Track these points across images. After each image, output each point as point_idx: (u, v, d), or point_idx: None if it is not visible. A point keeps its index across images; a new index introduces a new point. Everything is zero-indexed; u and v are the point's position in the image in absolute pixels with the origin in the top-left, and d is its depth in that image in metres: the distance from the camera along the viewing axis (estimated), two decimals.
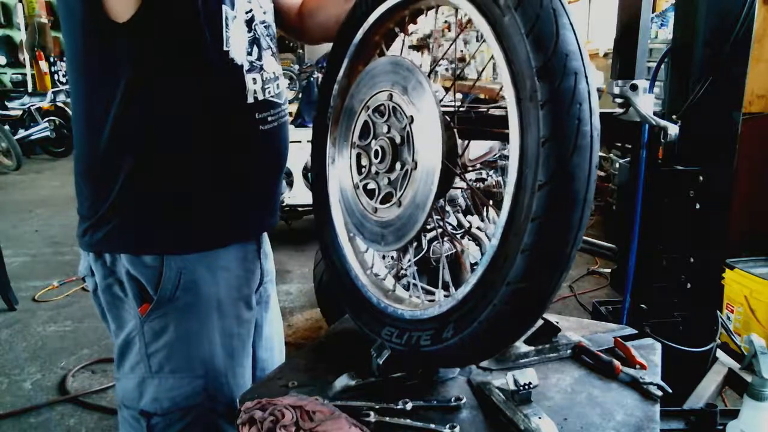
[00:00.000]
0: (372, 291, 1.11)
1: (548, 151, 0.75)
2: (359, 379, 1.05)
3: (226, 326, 1.17)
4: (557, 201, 0.76)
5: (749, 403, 1.32)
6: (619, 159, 4.15)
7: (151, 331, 1.10)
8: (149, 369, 1.11)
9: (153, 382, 1.12)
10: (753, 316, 2.57)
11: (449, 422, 0.94)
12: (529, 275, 0.78)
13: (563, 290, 3.85)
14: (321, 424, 0.88)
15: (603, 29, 6.99)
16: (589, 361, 1.13)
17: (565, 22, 0.76)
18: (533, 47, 0.76)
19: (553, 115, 0.75)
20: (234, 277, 1.19)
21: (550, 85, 0.75)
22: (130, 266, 1.08)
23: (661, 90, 2.10)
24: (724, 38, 1.62)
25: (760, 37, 3.51)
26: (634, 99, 1.67)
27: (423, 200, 0.94)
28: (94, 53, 1.02)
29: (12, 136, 8.27)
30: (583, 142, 0.76)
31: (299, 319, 3.51)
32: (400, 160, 0.99)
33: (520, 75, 0.78)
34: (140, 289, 1.09)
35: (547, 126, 0.75)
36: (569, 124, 0.75)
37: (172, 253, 1.09)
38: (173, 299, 1.09)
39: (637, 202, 1.73)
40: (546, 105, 0.76)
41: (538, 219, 0.76)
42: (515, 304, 0.81)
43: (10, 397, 2.73)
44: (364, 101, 1.06)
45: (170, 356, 1.11)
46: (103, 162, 1.07)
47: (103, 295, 1.13)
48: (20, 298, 3.81)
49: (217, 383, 1.15)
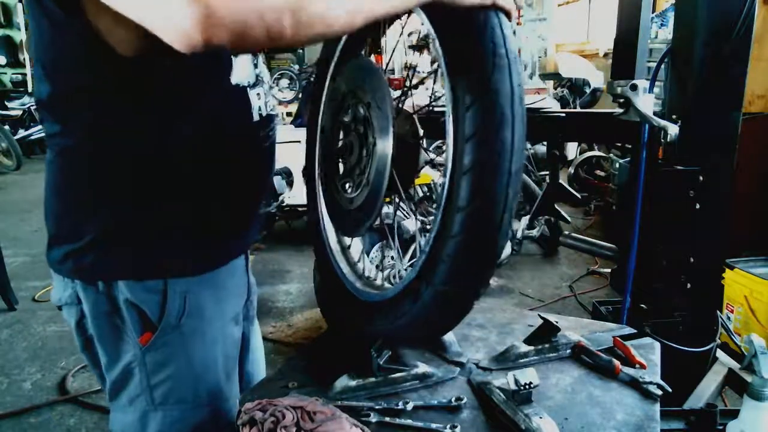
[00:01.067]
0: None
1: (471, 74, 0.85)
2: (359, 379, 1.05)
3: (227, 348, 1.13)
4: (487, 115, 0.84)
5: (749, 403, 1.32)
6: (619, 159, 4.15)
7: (153, 361, 1.02)
8: (152, 402, 1.04)
9: (157, 415, 1.04)
10: (753, 316, 2.57)
11: (450, 422, 0.94)
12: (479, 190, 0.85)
13: (563, 290, 3.85)
14: (322, 424, 0.88)
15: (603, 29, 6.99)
16: (589, 361, 1.13)
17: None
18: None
19: (471, 42, 0.85)
20: (230, 295, 1.15)
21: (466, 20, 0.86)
22: (129, 293, 0.99)
23: (661, 90, 2.10)
24: (724, 38, 1.62)
25: (760, 37, 3.51)
26: (634, 99, 1.68)
27: (382, 168, 0.99)
28: (84, 73, 0.92)
29: (12, 136, 8.27)
30: (500, 62, 0.84)
31: (299, 319, 3.51)
32: (365, 147, 1.04)
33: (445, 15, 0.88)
34: (141, 318, 1.01)
35: (467, 53, 0.85)
36: (486, 46, 0.84)
37: (176, 276, 1.02)
38: (178, 326, 1.02)
39: (637, 202, 1.73)
40: (464, 36, 0.86)
41: (473, 137, 0.84)
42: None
43: (10, 397, 2.73)
44: (339, 110, 1.13)
45: (175, 387, 1.04)
46: (98, 185, 0.98)
47: (94, 325, 1.03)
48: (20, 298, 3.80)
49: (223, 409, 1.10)
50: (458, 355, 1.16)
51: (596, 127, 2.02)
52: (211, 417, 1.08)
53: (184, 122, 0.98)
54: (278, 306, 3.71)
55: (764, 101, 3.60)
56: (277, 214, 4.56)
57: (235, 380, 1.17)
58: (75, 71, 0.91)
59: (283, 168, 4.53)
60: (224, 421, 1.10)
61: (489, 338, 1.26)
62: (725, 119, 1.70)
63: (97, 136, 0.95)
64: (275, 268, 4.36)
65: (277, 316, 3.55)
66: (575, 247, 2.44)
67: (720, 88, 1.67)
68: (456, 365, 1.14)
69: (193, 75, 0.95)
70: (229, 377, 1.14)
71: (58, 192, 1.02)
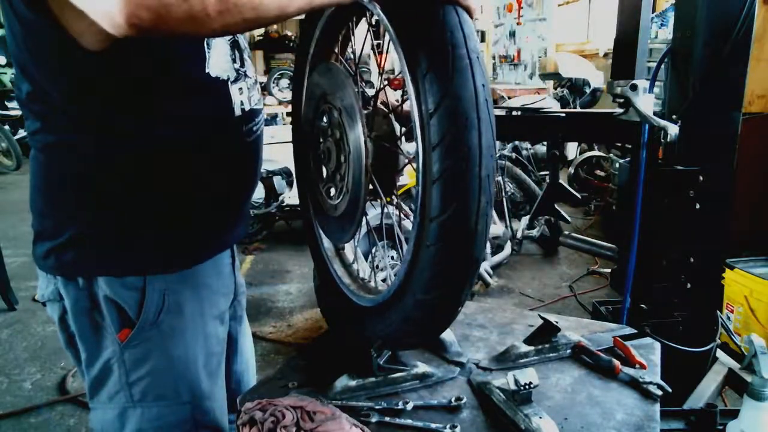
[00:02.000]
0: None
1: (431, 79, 0.81)
2: (359, 379, 1.05)
3: (209, 346, 1.12)
4: (451, 121, 0.80)
5: (749, 403, 1.32)
6: (619, 159, 4.15)
7: (132, 358, 1.03)
8: (131, 398, 1.04)
9: (136, 412, 1.05)
10: (753, 316, 2.57)
11: (450, 422, 0.94)
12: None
13: (563, 290, 3.85)
14: (321, 424, 0.88)
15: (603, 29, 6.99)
16: (589, 361, 1.13)
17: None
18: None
19: (429, 44, 0.82)
20: (213, 293, 1.14)
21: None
22: (108, 289, 1.00)
23: (661, 90, 2.10)
24: (724, 38, 1.62)
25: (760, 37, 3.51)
26: (634, 99, 1.67)
27: (359, 173, 0.99)
28: (63, 72, 0.92)
29: (12, 136, 8.27)
30: (461, 64, 0.80)
31: (299, 319, 3.51)
32: (342, 152, 1.04)
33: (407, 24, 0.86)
34: (120, 314, 1.01)
35: (426, 56, 0.82)
36: (445, 48, 0.81)
37: (156, 273, 1.02)
38: (157, 323, 1.03)
39: (637, 202, 1.73)
40: (421, 38, 0.83)
41: (440, 144, 0.81)
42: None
43: (10, 397, 2.73)
44: (316, 113, 1.12)
45: (154, 384, 1.04)
46: (78, 181, 0.99)
47: (75, 321, 1.04)
48: (20, 298, 3.80)
49: (204, 407, 1.10)
50: (458, 355, 1.16)
51: (596, 127, 2.02)
52: (191, 414, 1.08)
53: (160, 117, 0.98)
54: (278, 306, 3.71)
55: (764, 101, 3.60)
56: (277, 214, 4.56)
57: (219, 379, 1.16)
58: (48, 70, 0.92)
59: (283, 168, 4.53)
60: (206, 418, 1.10)
61: (489, 338, 1.26)
62: (725, 119, 1.70)
63: (74, 133, 0.96)
64: (275, 268, 4.35)
65: (277, 316, 3.55)
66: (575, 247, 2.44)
67: (720, 88, 1.66)
68: (456, 365, 1.14)
69: (164, 69, 0.95)
70: (212, 375, 1.13)
71: (40, 189, 1.02)
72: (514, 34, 8.22)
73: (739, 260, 2.71)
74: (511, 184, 4.52)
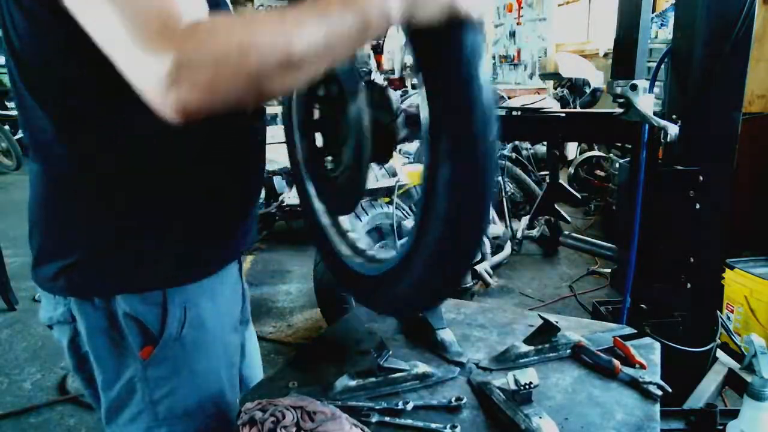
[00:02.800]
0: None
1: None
2: (359, 379, 1.05)
3: (230, 357, 1.11)
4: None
5: (749, 403, 1.32)
6: (619, 159, 4.15)
7: (155, 375, 0.99)
8: (155, 417, 1.00)
9: (162, 430, 1.01)
10: (753, 316, 2.57)
11: (450, 422, 0.94)
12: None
13: (563, 290, 3.85)
14: (322, 424, 0.88)
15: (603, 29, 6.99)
16: (589, 361, 1.13)
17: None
18: None
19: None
20: (228, 302, 1.12)
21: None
22: (128, 306, 0.96)
23: (661, 90, 2.10)
24: (724, 38, 1.62)
25: (760, 37, 3.51)
26: (634, 99, 1.68)
27: (360, 126, 1.00)
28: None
29: (12, 136, 8.26)
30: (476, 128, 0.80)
31: (299, 319, 3.51)
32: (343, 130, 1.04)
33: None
34: (141, 331, 0.97)
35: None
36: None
37: (175, 286, 0.99)
38: (180, 338, 0.99)
39: (637, 202, 1.73)
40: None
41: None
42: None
43: (10, 397, 2.72)
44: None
45: (180, 401, 1.01)
46: (89, 196, 0.94)
47: (91, 342, 0.99)
48: (20, 298, 3.80)
49: (228, 419, 1.07)
50: (458, 355, 1.16)
51: (596, 127, 2.02)
52: (216, 427, 1.05)
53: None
54: (278, 306, 3.71)
55: (764, 101, 3.60)
56: (277, 214, 4.56)
57: (237, 388, 1.15)
58: (59, 73, 0.86)
59: (283, 168, 4.52)
60: (230, 429, 1.07)
61: (489, 338, 1.26)
62: (725, 119, 1.70)
63: (80, 145, 0.91)
64: (275, 268, 4.35)
65: (277, 316, 3.55)
66: (575, 247, 2.44)
67: (720, 88, 1.67)
68: (456, 365, 1.14)
69: None
70: (234, 386, 1.12)
71: (44, 205, 0.97)
72: (514, 34, 8.22)
73: (739, 260, 2.71)
74: (511, 184, 4.52)
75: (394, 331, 1.29)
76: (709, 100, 1.68)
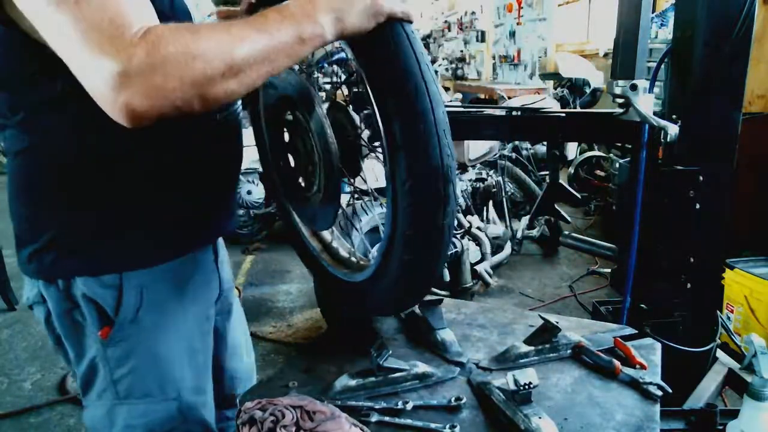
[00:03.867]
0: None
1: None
2: (359, 379, 1.05)
3: (193, 342, 1.13)
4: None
5: (749, 403, 1.32)
6: (619, 159, 4.15)
7: (115, 355, 1.04)
8: (117, 396, 1.05)
9: (123, 409, 1.06)
10: (753, 316, 2.57)
11: (449, 422, 0.94)
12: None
13: (563, 290, 3.85)
14: (321, 424, 0.88)
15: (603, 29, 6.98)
16: (589, 361, 1.13)
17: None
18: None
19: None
20: (194, 289, 1.14)
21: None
22: (86, 288, 1.01)
23: (661, 90, 2.10)
24: (724, 38, 1.62)
25: (760, 37, 3.51)
26: (634, 99, 1.68)
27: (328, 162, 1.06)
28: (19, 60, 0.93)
29: None
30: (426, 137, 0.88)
31: (299, 319, 3.51)
32: (313, 152, 1.10)
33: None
34: (99, 312, 1.02)
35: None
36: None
37: (132, 269, 1.02)
38: (136, 320, 1.03)
39: (637, 202, 1.73)
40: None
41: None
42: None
43: (10, 397, 2.72)
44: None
45: (139, 381, 1.05)
46: (50, 182, 0.99)
47: (58, 322, 1.05)
48: (20, 298, 3.81)
49: (191, 403, 1.10)
50: (458, 355, 1.16)
51: (596, 127, 2.02)
52: (178, 411, 1.09)
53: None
54: (278, 306, 3.71)
55: (764, 101, 3.60)
56: (277, 214, 4.56)
57: (206, 375, 1.17)
58: (20, 78, 0.92)
59: None
60: (194, 414, 1.11)
61: (489, 338, 1.26)
62: (725, 119, 1.70)
63: (42, 135, 0.96)
64: (275, 268, 4.35)
65: (277, 316, 3.55)
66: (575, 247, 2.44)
67: (720, 88, 1.67)
68: (456, 365, 1.14)
69: None
70: (199, 371, 1.13)
71: (17, 194, 1.03)
72: (514, 34, 8.22)
73: (739, 260, 2.71)
74: (511, 184, 4.52)
75: (394, 331, 1.29)
76: (709, 100, 1.68)
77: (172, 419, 1.08)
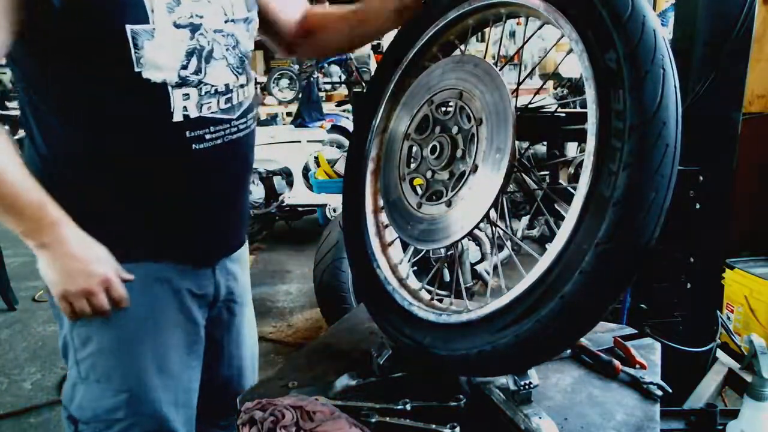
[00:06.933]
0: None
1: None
2: (359, 379, 1.05)
3: (162, 340, 1.13)
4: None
5: (749, 403, 1.32)
6: None
7: (78, 338, 1.10)
8: (79, 374, 1.11)
9: (81, 387, 1.11)
10: (753, 316, 2.57)
11: (449, 422, 0.94)
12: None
13: None
14: (321, 424, 0.88)
15: None
16: (589, 361, 1.13)
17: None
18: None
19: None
20: (176, 292, 1.14)
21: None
22: None
23: None
24: (724, 38, 1.62)
25: (760, 37, 3.50)
26: None
27: (479, 204, 0.97)
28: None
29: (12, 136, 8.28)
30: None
31: (299, 319, 3.51)
32: (459, 161, 1.00)
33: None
34: None
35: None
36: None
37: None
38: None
39: None
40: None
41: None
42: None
43: (10, 397, 2.73)
44: (428, 97, 1.08)
45: (95, 366, 1.10)
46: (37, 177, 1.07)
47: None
48: (20, 298, 3.81)
49: (145, 399, 1.11)
50: None
51: None
52: (126, 403, 1.09)
53: (98, 115, 1.03)
54: (278, 306, 3.71)
55: (764, 101, 3.59)
56: (277, 214, 4.56)
57: (176, 376, 1.15)
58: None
59: (283, 168, 4.52)
60: (145, 410, 1.11)
61: None
62: (725, 119, 1.70)
63: (28, 128, 1.07)
64: (275, 268, 4.35)
65: (277, 316, 3.55)
66: None
67: (720, 88, 1.67)
68: None
69: (86, 65, 0.99)
70: (165, 371, 1.13)
71: None
72: (514, 34, 8.21)
73: (739, 260, 2.70)
74: (511, 184, 4.52)
75: None
76: (709, 100, 1.68)
77: (117, 410, 1.10)
